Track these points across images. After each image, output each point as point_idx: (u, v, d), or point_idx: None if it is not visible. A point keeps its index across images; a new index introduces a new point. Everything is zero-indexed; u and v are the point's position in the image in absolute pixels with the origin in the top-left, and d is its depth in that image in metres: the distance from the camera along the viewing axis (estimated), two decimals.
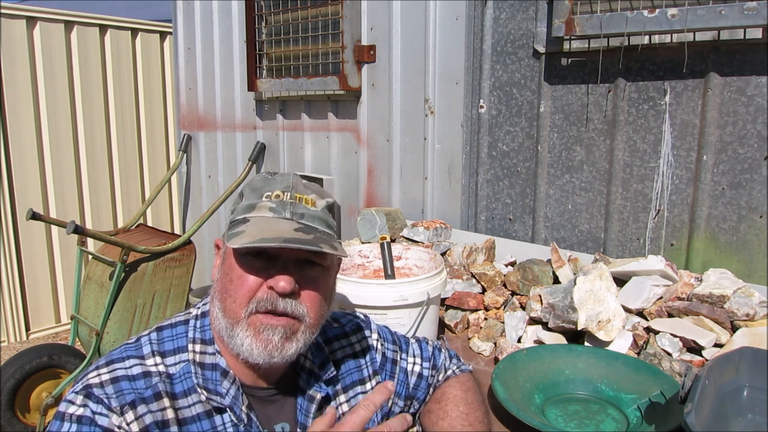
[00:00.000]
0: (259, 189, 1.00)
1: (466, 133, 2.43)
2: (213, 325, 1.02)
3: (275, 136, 3.37)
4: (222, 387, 0.97)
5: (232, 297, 0.95)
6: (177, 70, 3.98)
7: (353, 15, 2.73)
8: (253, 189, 1.01)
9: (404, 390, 1.24)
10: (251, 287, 0.94)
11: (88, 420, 0.89)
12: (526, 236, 2.32)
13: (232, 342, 0.96)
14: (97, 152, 4.76)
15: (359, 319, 1.26)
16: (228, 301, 0.96)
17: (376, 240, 2.26)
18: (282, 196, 0.98)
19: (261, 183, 1.02)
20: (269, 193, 0.98)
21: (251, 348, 0.94)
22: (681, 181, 1.94)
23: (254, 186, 1.02)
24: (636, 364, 1.42)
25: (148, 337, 1.01)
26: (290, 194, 0.98)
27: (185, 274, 3.11)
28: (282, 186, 1.00)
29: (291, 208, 0.97)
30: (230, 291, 0.96)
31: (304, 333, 0.98)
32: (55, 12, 4.37)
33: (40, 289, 4.49)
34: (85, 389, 0.92)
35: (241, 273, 0.95)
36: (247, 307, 0.94)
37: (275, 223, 0.95)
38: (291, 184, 1.01)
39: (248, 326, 0.94)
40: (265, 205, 0.97)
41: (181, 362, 0.98)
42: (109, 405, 0.90)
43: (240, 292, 0.95)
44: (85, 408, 0.90)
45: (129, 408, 0.91)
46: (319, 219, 0.99)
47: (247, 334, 0.94)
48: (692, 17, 1.74)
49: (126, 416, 0.90)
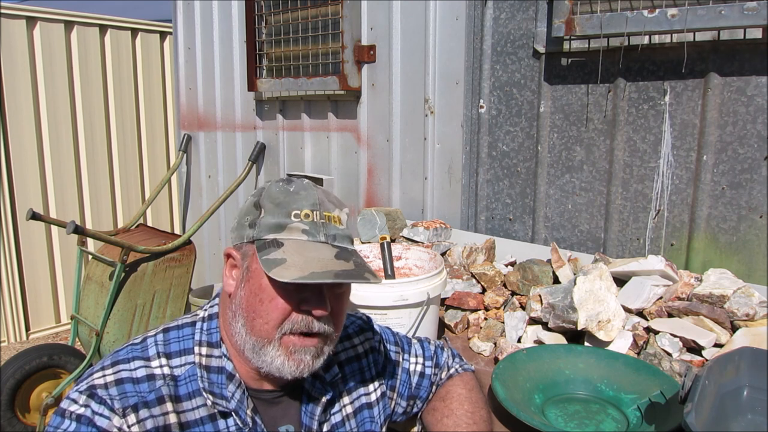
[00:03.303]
0: (284, 205, 0.96)
1: (466, 133, 2.43)
2: (227, 333, 1.01)
3: (275, 136, 3.37)
4: (227, 391, 0.97)
5: (263, 318, 0.94)
6: (177, 70, 3.98)
7: (353, 15, 2.73)
8: (275, 204, 0.97)
9: (407, 390, 1.24)
10: (285, 310, 0.94)
11: (87, 420, 0.89)
12: (526, 236, 2.32)
13: (258, 360, 0.96)
14: (97, 152, 4.76)
15: (361, 320, 1.26)
16: (258, 321, 0.95)
17: (376, 240, 2.26)
18: (312, 215, 0.96)
19: (283, 197, 0.97)
20: (297, 212, 0.95)
21: (282, 367, 0.95)
22: (681, 181, 1.94)
23: (275, 200, 0.97)
24: (636, 364, 1.42)
25: (154, 338, 1.01)
26: (319, 213, 0.96)
27: (185, 274, 3.11)
28: (309, 203, 0.97)
29: (324, 230, 0.96)
30: (260, 312, 0.94)
31: (329, 346, 1.00)
32: (55, 12, 4.37)
33: (40, 289, 4.49)
34: (89, 389, 0.92)
35: (274, 296, 0.94)
36: (281, 328, 0.94)
37: (313, 249, 0.93)
38: (317, 200, 0.98)
39: (280, 346, 0.95)
40: (297, 227, 0.94)
41: (187, 364, 0.98)
42: (112, 406, 0.90)
43: (273, 315, 0.94)
44: (87, 408, 0.90)
45: (131, 411, 0.91)
46: (347, 238, 1.00)
47: (278, 353, 0.95)
48: (692, 17, 1.74)
49: (128, 419, 0.90)
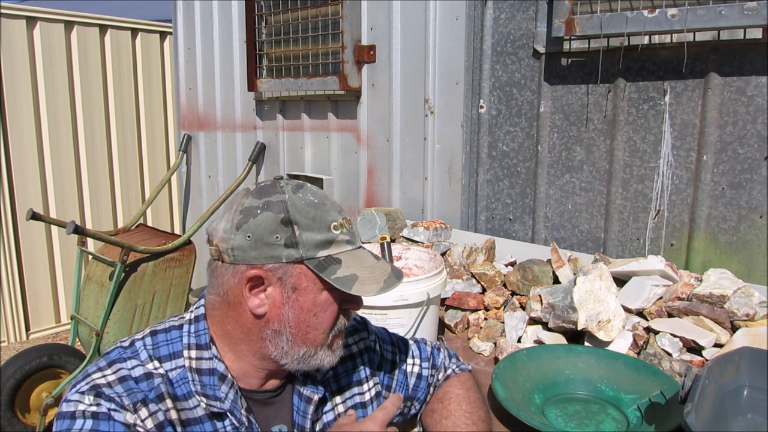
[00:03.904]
0: (319, 219, 0.98)
1: (466, 133, 2.43)
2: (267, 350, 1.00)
3: (275, 136, 3.37)
4: (220, 392, 0.97)
5: (318, 329, 1.00)
6: (177, 70, 3.98)
7: (353, 15, 2.73)
8: (309, 218, 0.97)
9: (404, 391, 1.23)
10: (336, 315, 1.02)
11: (105, 416, 0.87)
12: (526, 236, 2.32)
13: (306, 365, 1.01)
14: (97, 152, 4.76)
15: (356, 321, 1.25)
16: (312, 333, 1.00)
17: (376, 240, 2.26)
18: (345, 224, 1.02)
19: (314, 210, 0.98)
20: (335, 223, 1.00)
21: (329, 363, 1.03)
22: (681, 181, 1.94)
23: (308, 215, 0.97)
24: (636, 364, 1.42)
25: (143, 342, 0.99)
26: (347, 220, 1.03)
27: (185, 274, 3.11)
28: (337, 212, 1.02)
29: (357, 235, 1.05)
30: (315, 324, 1.00)
31: None
32: (55, 12, 4.37)
33: (40, 289, 4.49)
34: (93, 388, 0.90)
35: (328, 305, 1.00)
36: (331, 332, 1.02)
37: (362, 257, 1.02)
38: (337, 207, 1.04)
39: (328, 347, 1.02)
40: (342, 239, 1.00)
41: (178, 368, 0.97)
42: (122, 403, 0.89)
43: (327, 324, 1.01)
44: (99, 405, 0.88)
45: (141, 405, 0.90)
46: None
47: (327, 354, 1.02)
48: (692, 17, 1.74)
49: (140, 413, 0.89)
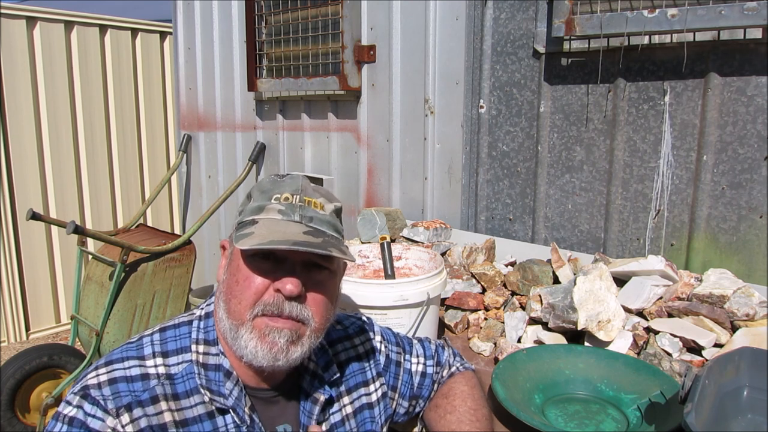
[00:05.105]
0: (268, 191, 1.00)
1: (466, 133, 2.43)
2: (217, 326, 1.01)
3: (275, 136, 3.37)
4: (225, 388, 0.98)
5: (237, 298, 0.95)
6: (177, 70, 3.97)
7: (353, 15, 2.73)
8: (261, 191, 1.01)
9: (408, 390, 1.24)
10: (258, 289, 0.94)
11: (79, 423, 0.89)
12: (526, 236, 2.32)
13: (236, 344, 0.95)
14: (97, 152, 4.76)
15: (362, 321, 1.26)
16: (233, 303, 0.95)
17: (376, 240, 2.26)
18: (291, 198, 0.98)
19: (270, 185, 1.01)
20: (278, 196, 0.98)
21: (256, 350, 0.94)
22: (681, 181, 1.94)
23: (263, 188, 1.01)
24: (636, 364, 1.42)
25: (150, 338, 1.01)
26: (299, 197, 0.98)
27: (185, 274, 3.11)
28: (291, 189, 0.99)
29: (300, 211, 0.97)
30: (236, 292, 0.95)
31: (310, 337, 0.97)
32: (55, 12, 4.37)
33: (40, 289, 4.49)
34: (83, 390, 0.92)
35: (248, 274, 0.94)
36: (253, 309, 0.94)
37: (284, 225, 0.95)
38: (300, 186, 1.00)
39: (253, 328, 0.94)
40: (274, 207, 0.97)
41: (184, 362, 0.98)
42: (105, 407, 0.90)
43: (246, 294, 0.94)
44: (79, 410, 0.90)
45: (125, 410, 0.91)
46: (327, 223, 1.00)
47: (251, 336, 0.94)
48: (692, 17, 1.74)
49: (121, 418, 0.90)
